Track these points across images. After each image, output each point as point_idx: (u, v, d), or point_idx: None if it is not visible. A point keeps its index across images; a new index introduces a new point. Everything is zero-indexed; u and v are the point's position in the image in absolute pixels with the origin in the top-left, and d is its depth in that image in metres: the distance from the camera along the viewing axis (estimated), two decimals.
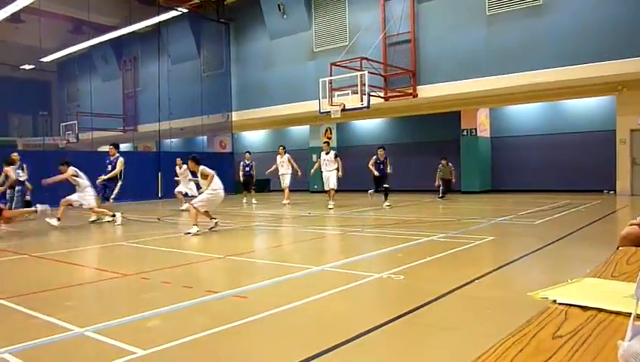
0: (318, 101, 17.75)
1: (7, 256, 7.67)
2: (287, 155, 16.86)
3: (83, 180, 11.82)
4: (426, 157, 20.51)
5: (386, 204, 14.12)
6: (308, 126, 24.07)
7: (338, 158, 14.91)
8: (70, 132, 27.26)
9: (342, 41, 20.36)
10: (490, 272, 5.54)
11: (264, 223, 11.78)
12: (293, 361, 3.06)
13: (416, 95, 18.26)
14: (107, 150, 13.19)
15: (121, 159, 12.56)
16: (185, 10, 22.96)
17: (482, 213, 12.21)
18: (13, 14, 21.40)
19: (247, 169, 17.81)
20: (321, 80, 17.50)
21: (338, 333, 3.58)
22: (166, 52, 25.74)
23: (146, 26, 24.05)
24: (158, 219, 13.13)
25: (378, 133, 23.29)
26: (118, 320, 4.02)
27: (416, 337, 3.62)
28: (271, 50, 22.96)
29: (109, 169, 12.55)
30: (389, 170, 14.77)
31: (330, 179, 14.70)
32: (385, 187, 14.49)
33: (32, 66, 28.83)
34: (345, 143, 23.92)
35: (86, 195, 11.71)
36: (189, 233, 9.23)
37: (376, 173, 14.65)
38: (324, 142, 16.02)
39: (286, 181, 16.70)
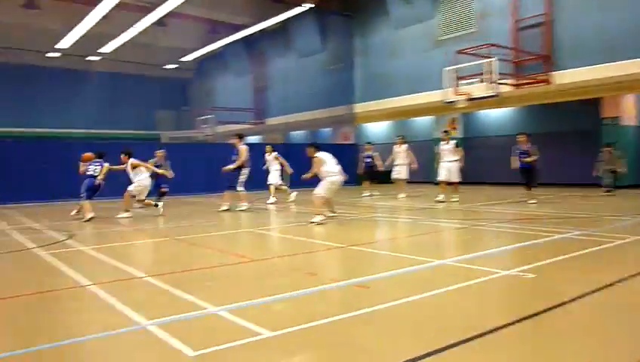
0: (442, 91, 17.27)
1: (152, 239, 8.52)
2: (405, 146, 16.46)
3: (142, 171, 12.01)
4: (561, 149, 19.04)
5: (531, 201, 12.77)
6: (432, 116, 23.54)
7: (460, 148, 14.12)
8: (207, 125, 29.39)
9: (468, 27, 19.57)
10: (632, 276, 5.04)
11: (384, 214, 11.78)
12: (411, 355, 3.06)
13: (551, 81, 16.99)
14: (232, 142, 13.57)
15: (243, 147, 13.04)
16: (311, 6, 23.55)
17: (626, 210, 11.09)
18: (159, 19, 23.48)
19: (368, 160, 17.77)
20: (446, 69, 16.99)
21: (458, 331, 3.50)
22: (293, 47, 26.66)
23: (274, 24, 25.07)
24: (285, 207, 13.69)
25: (507, 123, 22.08)
26: (247, 302, 4.31)
27: (544, 342, 3.41)
28: (395, 40, 22.77)
29: (234, 159, 13.10)
30: (531, 159, 12.85)
31: (452, 171, 13.90)
32: (528, 182, 13.09)
33: (174, 66, 31.45)
34: (471, 134, 23.03)
35: (136, 184, 11.77)
36: (314, 222, 9.50)
37: (517, 164, 13.13)
38: (443, 132, 15.13)
39: (403, 173, 16.33)
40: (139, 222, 10.70)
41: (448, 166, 13.97)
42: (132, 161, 11.85)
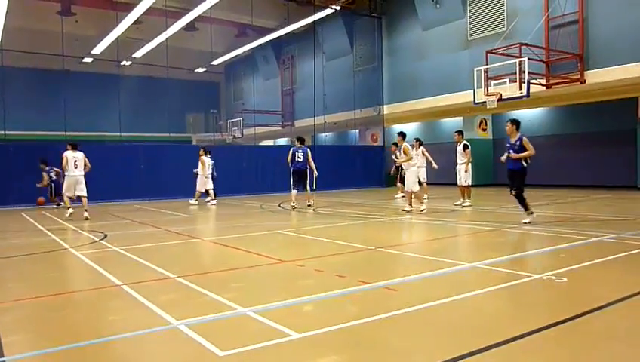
0: (472, 91, 17.05)
1: (184, 240, 8.64)
2: (422, 148, 16.36)
3: (204, 169, 15.87)
4: (595, 149, 18.59)
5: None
6: (461, 118, 23.27)
7: (468, 150, 13.43)
8: (236, 128, 29.70)
9: (499, 27, 19.27)
10: None
11: (413, 216, 11.68)
12: (442, 358, 3.02)
13: (584, 81, 16.58)
14: (293, 144, 14.52)
15: (308, 152, 14.11)
16: (338, 8, 23.57)
17: None
18: (188, 23, 23.85)
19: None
20: (476, 69, 16.77)
21: (490, 335, 3.44)
22: (321, 49, 26.71)
23: (302, 26, 25.17)
24: (313, 209, 13.71)
25: (539, 124, 21.67)
26: (275, 303, 4.32)
27: (579, 347, 3.33)
28: (423, 41, 22.59)
29: (300, 159, 13.88)
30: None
31: (460, 174, 13.43)
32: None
33: (203, 69, 31.87)
34: (502, 135, 22.66)
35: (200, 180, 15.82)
36: (422, 210, 10.77)
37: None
38: (457, 132, 14.33)
39: (422, 174, 16.22)
40: (170, 224, 10.87)
41: (458, 168, 13.64)
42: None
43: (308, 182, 14.10)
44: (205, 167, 15.99)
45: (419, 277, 5.29)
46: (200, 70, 32.13)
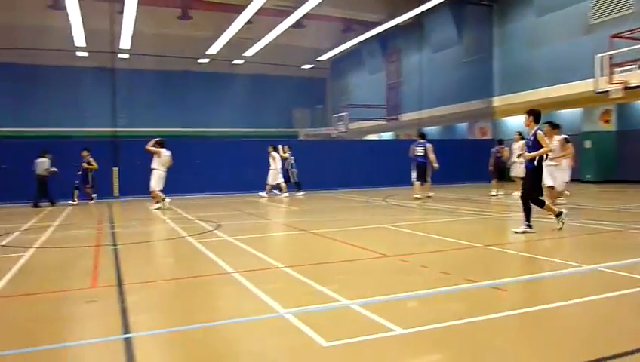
0: (594, 80, 15.78)
1: (290, 231, 8.93)
2: (522, 142, 15.41)
3: (277, 162, 16.65)
4: None
5: None
6: (580, 109, 21.61)
7: (569, 145, 11.64)
8: (341, 123, 30.01)
9: (625, 8, 17.61)
10: None
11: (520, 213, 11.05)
12: None
13: None
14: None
15: (428, 146, 14.57)
16: None
17: None
18: (296, 21, 24.45)
19: (500, 156, 16.77)
20: (598, 55, 15.50)
21: (609, 344, 3.19)
22: (427, 41, 26.15)
23: (409, 18, 24.77)
24: (419, 205, 13.51)
25: None
26: (379, 297, 4.34)
27: None
28: (538, 28, 21.25)
29: (420, 153, 14.49)
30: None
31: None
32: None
33: (310, 66, 32.54)
34: (628, 127, 20.74)
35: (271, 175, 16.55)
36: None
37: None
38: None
39: (520, 170, 15.29)
40: (278, 216, 11.27)
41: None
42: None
43: (428, 174, 14.68)
44: (276, 162, 16.77)
45: (530, 278, 5.03)
46: (307, 66, 32.85)
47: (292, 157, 17.36)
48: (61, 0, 20.78)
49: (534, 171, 7.72)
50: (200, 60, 29.91)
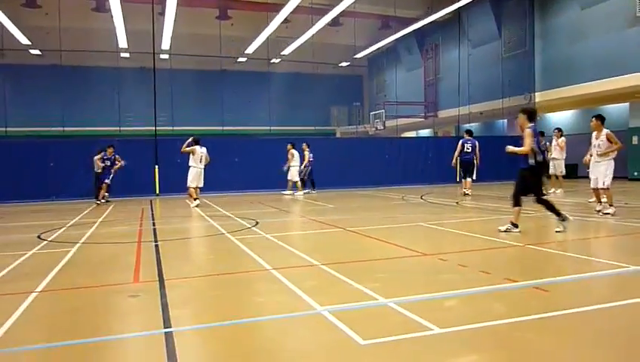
0: None
1: (327, 229, 8.94)
2: (562, 138, 15.14)
3: (295, 160, 16.81)
4: None
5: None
6: (627, 103, 20.83)
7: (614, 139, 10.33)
8: (378, 120, 29.85)
9: None
10: None
11: (567, 213, 10.74)
12: None
13: None
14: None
15: (476, 143, 15.38)
16: None
17: None
18: (333, 19, 24.44)
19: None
20: None
21: None
22: (466, 37, 25.70)
23: (447, 14, 24.39)
24: (457, 202, 13.33)
25: None
26: (417, 296, 4.30)
27: None
28: (581, 21, 20.57)
29: (468, 150, 15.03)
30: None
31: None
32: None
33: (347, 63, 32.48)
34: None
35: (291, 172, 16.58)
36: (607, 213, 9.41)
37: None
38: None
39: (558, 167, 15.01)
40: (314, 213, 11.30)
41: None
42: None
43: (475, 171, 15.12)
44: (294, 160, 16.98)
45: (574, 278, 4.88)
46: (344, 64, 32.81)
47: (311, 155, 17.42)
48: (105, 3, 21.42)
49: (530, 170, 7.57)
50: (239, 60, 30.26)
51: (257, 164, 18.71)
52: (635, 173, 19.35)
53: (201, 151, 13.53)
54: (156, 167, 17.82)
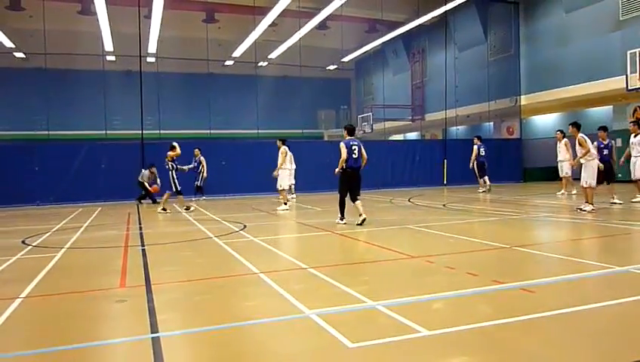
0: (624, 77, 15.40)
1: (315, 232, 8.94)
2: (565, 140, 15.12)
3: (286, 163, 13.74)
4: None
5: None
6: (610, 106, 21.12)
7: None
8: (366, 123, 29.93)
9: None
10: None
11: (554, 214, 10.87)
12: None
13: None
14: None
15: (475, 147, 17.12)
16: None
17: None
18: (320, 22, 24.49)
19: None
20: (629, 52, 15.13)
21: None
22: (452, 40, 25.88)
23: (433, 17, 24.57)
24: (444, 205, 13.40)
25: None
26: (405, 299, 4.31)
27: None
28: (566, 25, 20.84)
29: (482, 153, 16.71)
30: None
31: (636, 167, 11.90)
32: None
33: (334, 67, 32.54)
34: None
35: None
36: (584, 210, 10.09)
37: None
38: (632, 122, 12.74)
39: (564, 169, 15.00)
40: (301, 217, 11.29)
41: (634, 160, 11.95)
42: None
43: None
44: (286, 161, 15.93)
45: (560, 280, 4.93)
46: (331, 67, 32.86)
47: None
48: (91, 6, 21.26)
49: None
50: (226, 63, 30.15)
51: (245, 168, 18.67)
52: (619, 175, 19.56)
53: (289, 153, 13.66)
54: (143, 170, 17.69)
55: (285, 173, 13.90)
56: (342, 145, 9.32)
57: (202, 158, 16.74)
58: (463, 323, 3.62)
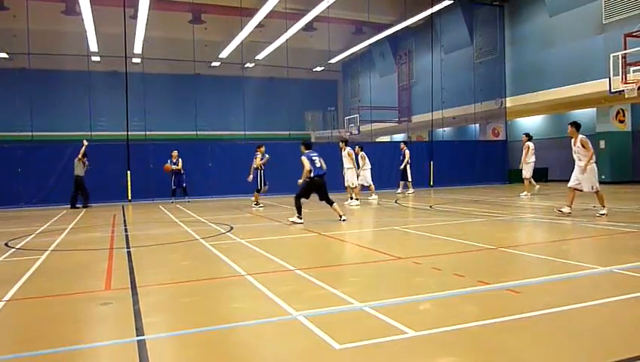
0: (607, 80, 15.62)
1: (302, 234, 8.94)
2: (528, 143, 15.85)
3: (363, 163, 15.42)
4: None
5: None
6: (594, 109, 21.40)
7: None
8: (353, 125, 30.01)
9: (639, 7, 17.41)
10: None
11: (539, 215, 10.98)
12: None
13: None
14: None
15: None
16: None
17: None
18: (307, 24, 24.51)
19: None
20: (612, 55, 15.35)
21: (625, 346, 3.15)
22: (439, 42, 26.07)
23: (420, 20, 24.73)
24: (430, 206, 13.47)
25: None
26: (392, 300, 4.32)
27: None
28: (550, 28, 21.09)
29: None
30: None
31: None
32: None
33: (322, 68, 32.58)
34: None
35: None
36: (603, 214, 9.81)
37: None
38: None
39: (528, 170, 15.98)
40: (287, 218, 11.26)
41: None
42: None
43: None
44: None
45: (545, 280, 4.98)
46: (318, 69, 32.89)
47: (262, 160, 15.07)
48: (75, 6, 21.05)
49: None
50: (213, 64, 30.04)
51: (231, 169, 18.58)
52: (602, 177, 19.82)
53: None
54: (128, 172, 17.55)
55: (353, 172, 14.94)
56: (304, 158, 10.05)
57: (180, 160, 16.66)
58: (449, 323, 3.64)
